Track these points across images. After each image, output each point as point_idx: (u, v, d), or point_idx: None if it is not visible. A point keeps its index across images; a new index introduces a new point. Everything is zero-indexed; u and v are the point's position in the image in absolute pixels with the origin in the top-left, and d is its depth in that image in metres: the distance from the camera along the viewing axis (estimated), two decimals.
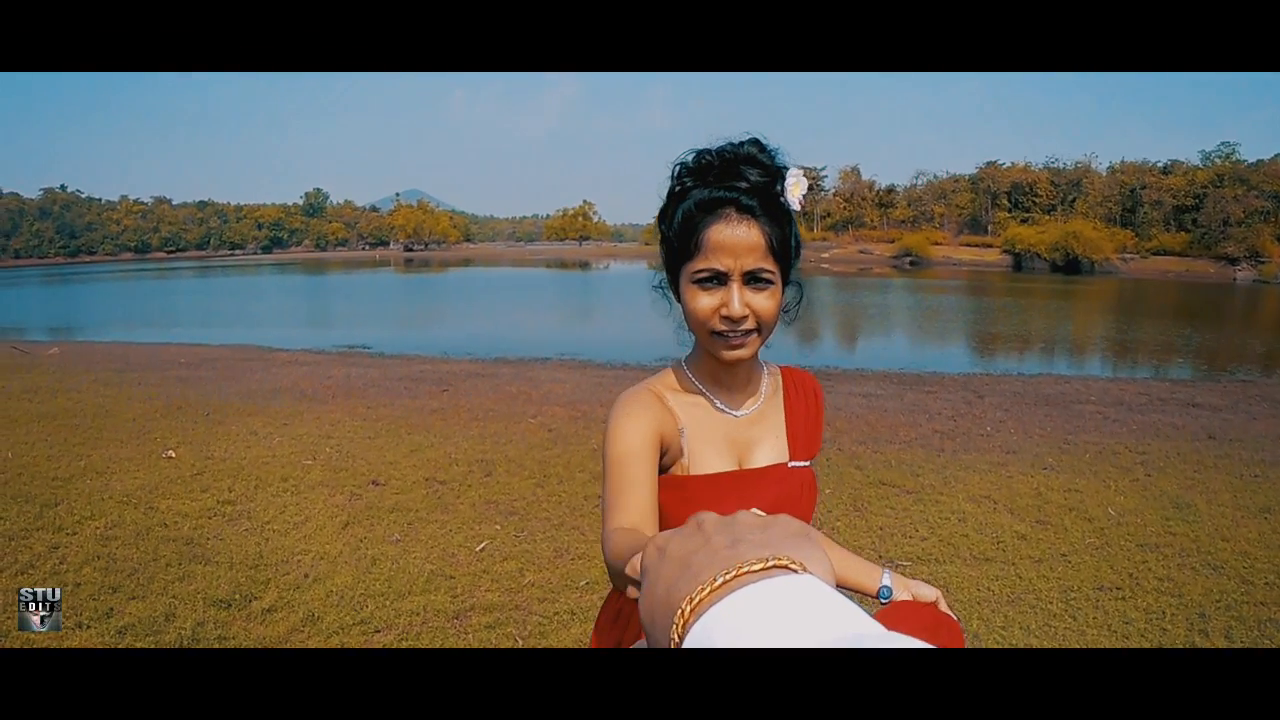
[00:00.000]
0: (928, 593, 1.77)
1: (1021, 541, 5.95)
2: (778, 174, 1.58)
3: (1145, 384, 14.72)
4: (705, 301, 1.59)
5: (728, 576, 0.57)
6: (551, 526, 6.28)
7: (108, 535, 5.93)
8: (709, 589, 0.57)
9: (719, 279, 1.57)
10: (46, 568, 5.32)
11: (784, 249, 1.60)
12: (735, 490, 1.70)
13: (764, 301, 1.58)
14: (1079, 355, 22.20)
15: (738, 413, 1.77)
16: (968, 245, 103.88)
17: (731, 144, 1.59)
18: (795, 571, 0.57)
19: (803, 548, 0.62)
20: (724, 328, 1.59)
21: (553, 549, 5.83)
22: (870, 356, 20.30)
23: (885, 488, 7.26)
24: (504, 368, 16.13)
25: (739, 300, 1.56)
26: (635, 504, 1.54)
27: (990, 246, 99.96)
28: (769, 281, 1.58)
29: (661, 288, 1.76)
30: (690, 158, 1.61)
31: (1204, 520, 6.38)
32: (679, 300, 1.67)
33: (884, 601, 1.76)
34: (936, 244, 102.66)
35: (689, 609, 0.57)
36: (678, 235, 1.61)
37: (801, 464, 1.81)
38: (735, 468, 1.74)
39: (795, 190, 1.60)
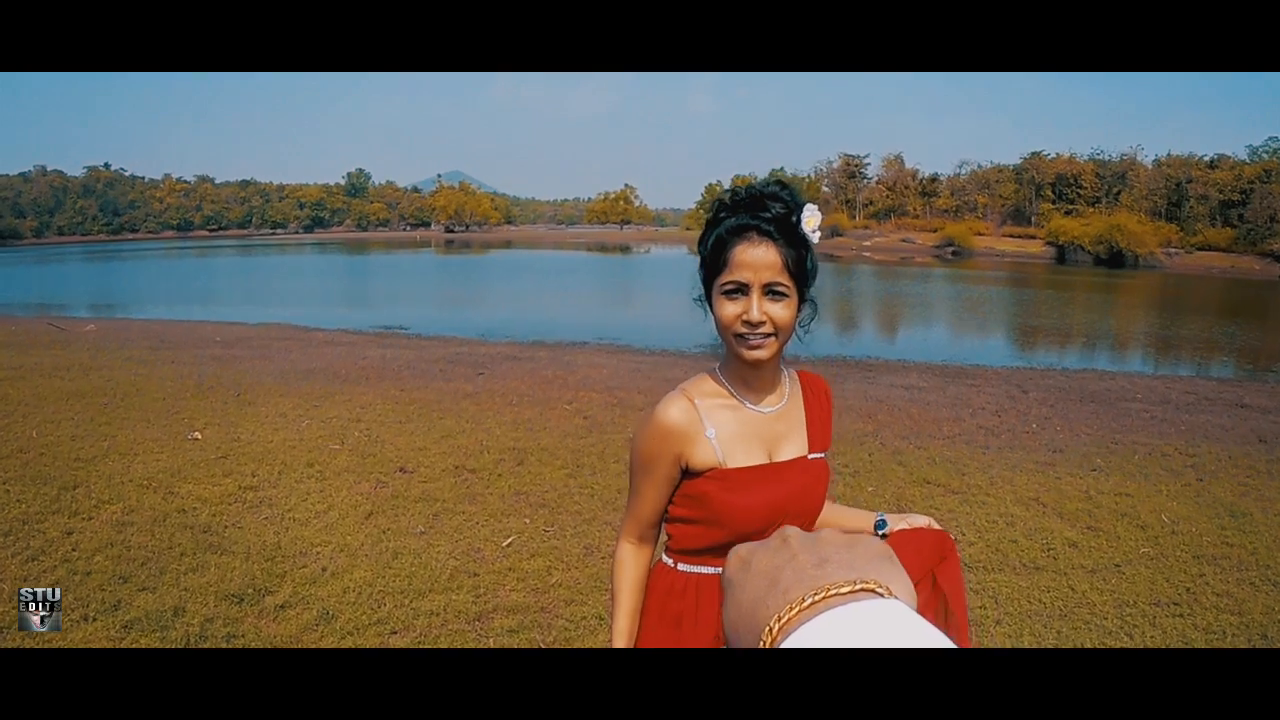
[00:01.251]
0: (920, 520, 2.17)
1: (1073, 549, 5.70)
2: (796, 207, 1.88)
3: (1191, 382, 14.43)
4: (730, 309, 1.89)
5: (816, 598, 0.57)
6: (582, 521, 6.11)
7: (124, 521, 5.81)
8: (797, 609, 0.57)
9: (742, 290, 1.88)
10: (58, 555, 5.20)
11: (799, 269, 1.89)
12: (769, 480, 1.99)
13: (780, 311, 1.88)
14: (1122, 350, 21.84)
15: (765, 410, 2.04)
16: (1011, 236, 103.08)
17: (759, 184, 1.92)
18: (881, 595, 0.57)
19: (886, 570, 0.61)
20: (745, 331, 1.89)
21: (582, 545, 5.66)
22: (912, 347, 20.10)
23: (930, 486, 7.05)
24: (541, 351, 16.12)
25: (758, 308, 1.86)
26: (646, 513, 2.06)
27: (1033, 238, 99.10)
28: (784, 294, 1.88)
29: (699, 300, 2.04)
30: (727, 195, 1.95)
31: (1261, 531, 6.11)
32: (712, 311, 1.96)
33: (881, 534, 2.11)
34: (979, 234, 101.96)
35: (777, 627, 0.57)
36: (711, 254, 1.93)
37: (819, 455, 2.11)
38: (765, 461, 2.02)
39: (810, 222, 1.89)
